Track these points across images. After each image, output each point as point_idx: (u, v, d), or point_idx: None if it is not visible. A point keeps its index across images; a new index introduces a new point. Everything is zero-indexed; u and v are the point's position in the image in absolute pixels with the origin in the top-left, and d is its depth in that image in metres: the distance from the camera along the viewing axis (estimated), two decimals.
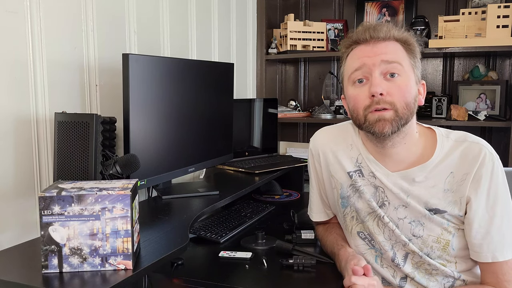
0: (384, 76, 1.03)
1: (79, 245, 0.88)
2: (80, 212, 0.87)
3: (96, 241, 0.89)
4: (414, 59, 1.07)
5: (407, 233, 1.12)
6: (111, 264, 0.90)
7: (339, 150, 1.20)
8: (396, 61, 1.03)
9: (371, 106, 1.03)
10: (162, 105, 1.42)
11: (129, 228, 0.89)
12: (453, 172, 1.07)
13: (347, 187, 1.19)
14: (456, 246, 1.10)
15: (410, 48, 1.07)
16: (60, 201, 0.86)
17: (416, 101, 1.06)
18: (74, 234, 0.88)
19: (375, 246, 1.17)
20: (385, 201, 1.13)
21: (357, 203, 1.17)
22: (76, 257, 0.89)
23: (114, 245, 0.89)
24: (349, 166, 1.18)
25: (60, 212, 0.87)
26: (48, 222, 0.87)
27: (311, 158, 1.29)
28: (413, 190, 1.09)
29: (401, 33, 1.07)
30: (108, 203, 0.88)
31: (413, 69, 1.06)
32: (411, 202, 1.10)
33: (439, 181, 1.08)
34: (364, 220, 1.17)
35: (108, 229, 0.89)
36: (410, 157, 1.10)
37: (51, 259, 0.88)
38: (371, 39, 1.05)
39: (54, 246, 0.88)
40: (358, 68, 1.05)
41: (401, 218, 1.12)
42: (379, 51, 1.04)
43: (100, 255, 0.89)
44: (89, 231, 0.88)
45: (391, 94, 1.02)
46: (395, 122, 1.03)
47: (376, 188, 1.14)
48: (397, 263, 1.13)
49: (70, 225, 0.87)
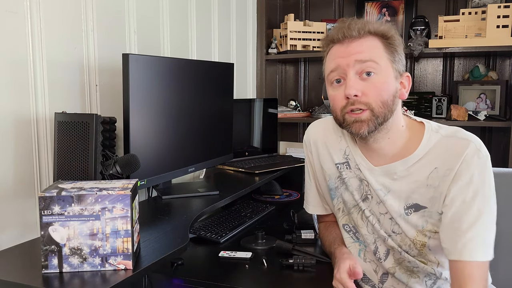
0: (359, 75, 1.02)
1: (79, 245, 0.88)
2: (80, 212, 0.87)
3: (96, 241, 0.89)
4: (393, 54, 1.04)
5: (387, 228, 1.11)
6: (111, 264, 0.90)
7: (329, 141, 1.21)
8: (371, 59, 1.01)
9: (346, 106, 1.03)
10: (162, 105, 1.42)
11: (129, 228, 0.89)
12: (437, 168, 1.03)
13: (335, 178, 1.19)
14: (433, 247, 1.07)
15: (389, 42, 1.04)
16: (60, 201, 0.86)
17: (396, 96, 1.04)
18: (74, 234, 0.88)
19: (359, 239, 1.18)
20: (369, 195, 1.13)
21: (343, 194, 1.18)
22: (76, 257, 0.89)
23: (114, 245, 0.89)
24: (337, 158, 1.18)
25: (60, 212, 0.87)
26: (48, 222, 0.87)
27: (305, 150, 1.29)
28: (394, 186, 1.08)
29: (377, 27, 1.04)
30: (108, 203, 0.88)
31: (392, 64, 1.04)
32: (388, 200, 1.09)
33: (421, 176, 1.05)
34: (349, 212, 1.18)
35: (108, 229, 0.89)
36: (393, 151, 1.09)
37: (51, 259, 0.88)
38: (345, 38, 1.03)
39: (54, 246, 0.88)
40: (334, 70, 1.05)
41: (382, 213, 1.12)
42: (353, 50, 1.02)
43: (100, 255, 0.89)
44: (89, 231, 0.88)
45: (366, 94, 1.01)
46: (371, 122, 1.02)
47: (361, 181, 1.14)
48: (378, 256, 1.14)
49: (70, 225, 0.87)
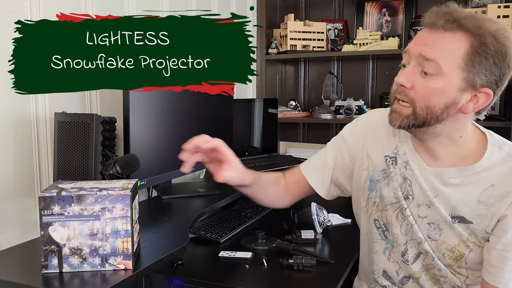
0: (420, 70, 0.95)
1: (79, 245, 0.88)
2: (80, 212, 0.87)
3: (96, 241, 0.89)
4: (474, 63, 0.91)
5: (424, 232, 1.07)
6: (111, 264, 0.90)
7: (385, 132, 1.14)
8: (435, 60, 0.92)
9: (395, 92, 0.99)
10: (162, 105, 1.42)
11: (129, 228, 0.89)
12: (494, 185, 0.98)
13: (380, 171, 1.13)
14: (470, 260, 1.03)
15: (480, 49, 0.90)
16: (60, 201, 0.86)
17: (451, 107, 0.94)
18: (74, 234, 0.88)
19: (388, 237, 1.13)
20: (409, 195, 1.08)
21: (383, 189, 1.12)
22: (76, 257, 0.88)
23: (114, 245, 0.89)
24: (388, 150, 1.12)
25: (60, 212, 0.87)
26: (48, 222, 0.87)
27: (355, 132, 1.20)
28: (444, 191, 1.03)
29: (475, 25, 0.90)
30: (108, 203, 0.88)
31: (463, 73, 0.91)
32: (435, 203, 1.04)
33: (475, 190, 1.00)
34: (384, 209, 1.12)
35: (108, 229, 0.89)
36: (448, 156, 1.03)
37: (51, 259, 0.88)
38: (433, 25, 0.93)
39: (54, 246, 0.87)
40: (405, 52, 0.98)
41: (421, 216, 1.06)
42: (426, 42, 0.94)
43: (100, 255, 0.89)
44: (89, 231, 0.88)
45: (415, 90, 0.95)
46: (407, 119, 0.97)
47: (404, 180, 1.08)
48: (406, 259, 1.09)
49: (70, 225, 0.87)
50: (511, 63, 0.92)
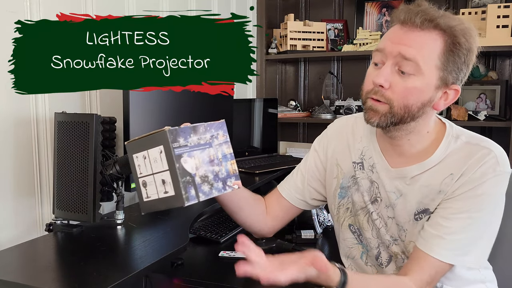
0: (397, 68, 0.94)
1: (205, 172, 0.90)
2: (198, 141, 0.90)
3: (215, 167, 0.91)
4: (449, 62, 0.93)
5: (394, 233, 1.08)
6: (230, 186, 0.93)
7: (351, 139, 1.16)
8: (414, 60, 0.91)
9: (371, 92, 0.98)
10: (162, 105, 1.42)
11: (231, 151, 0.94)
12: (452, 174, 0.99)
13: (349, 177, 1.15)
14: None
15: (454, 48, 0.92)
16: (182, 133, 0.89)
17: (426, 105, 0.96)
18: (200, 163, 0.89)
19: (362, 241, 1.15)
20: (378, 197, 1.09)
21: (354, 195, 1.14)
22: (206, 185, 0.89)
23: (227, 168, 0.93)
24: (354, 156, 1.14)
25: (184, 144, 0.88)
26: (179, 154, 0.87)
27: (323, 141, 1.21)
28: (408, 190, 1.04)
29: (450, 24, 0.91)
30: (214, 131, 0.93)
31: (439, 72, 0.93)
32: (397, 205, 1.05)
33: (435, 181, 1.00)
34: (356, 214, 1.14)
35: (220, 154, 0.92)
36: (413, 153, 1.04)
37: (189, 190, 0.87)
38: (407, 23, 0.92)
39: (188, 177, 0.87)
40: (379, 50, 0.97)
41: (390, 217, 1.08)
42: (403, 41, 0.92)
43: (221, 179, 0.91)
44: (208, 158, 0.90)
45: (392, 90, 0.94)
46: (385, 117, 0.96)
47: (371, 183, 1.10)
48: (380, 262, 1.11)
49: (194, 155, 0.89)
50: (472, 61, 0.96)
